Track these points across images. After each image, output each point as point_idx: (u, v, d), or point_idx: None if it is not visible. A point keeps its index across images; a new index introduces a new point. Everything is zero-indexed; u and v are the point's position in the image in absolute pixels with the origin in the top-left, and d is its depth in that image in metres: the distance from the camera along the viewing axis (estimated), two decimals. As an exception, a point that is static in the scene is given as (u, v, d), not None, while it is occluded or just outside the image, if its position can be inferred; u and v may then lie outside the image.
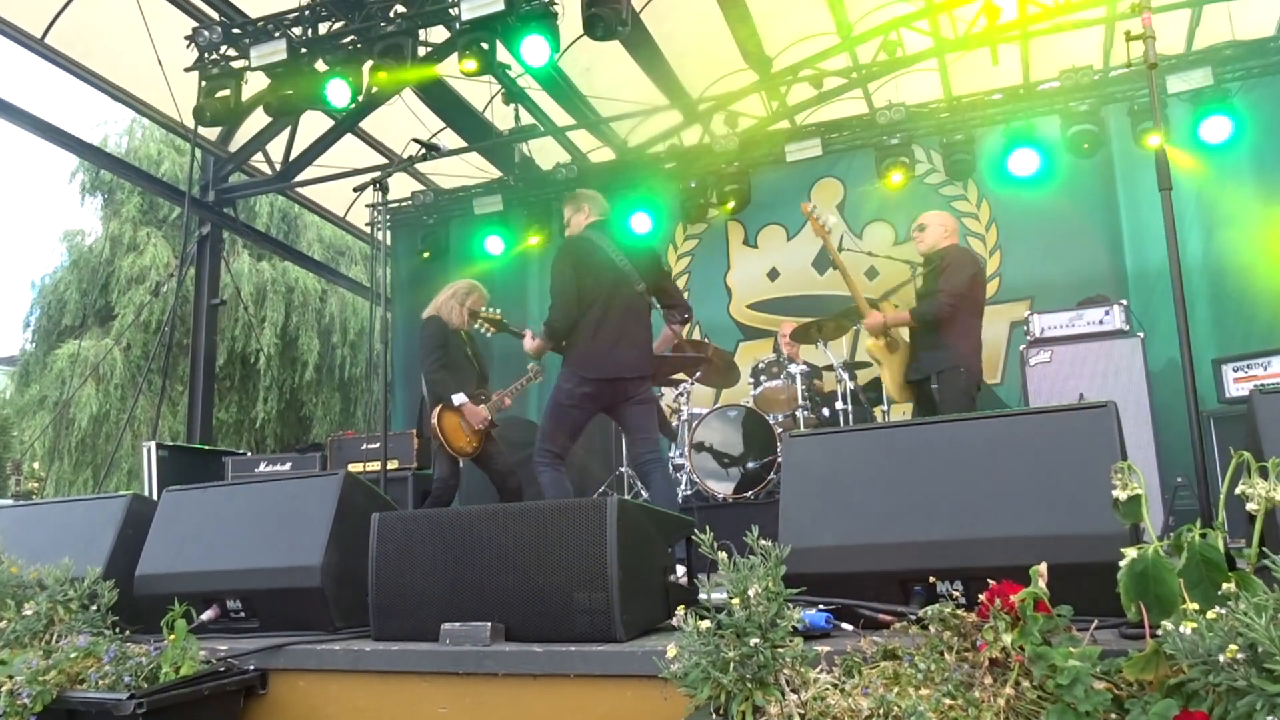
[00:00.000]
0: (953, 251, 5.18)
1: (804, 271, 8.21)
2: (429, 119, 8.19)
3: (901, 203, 7.77)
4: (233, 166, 8.54)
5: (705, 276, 8.54)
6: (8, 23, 6.84)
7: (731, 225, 8.49)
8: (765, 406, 6.11)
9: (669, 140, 8.81)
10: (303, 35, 6.46)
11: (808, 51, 8.12)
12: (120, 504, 2.79)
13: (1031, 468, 1.97)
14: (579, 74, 7.96)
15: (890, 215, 7.91)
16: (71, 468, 15.06)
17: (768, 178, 8.25)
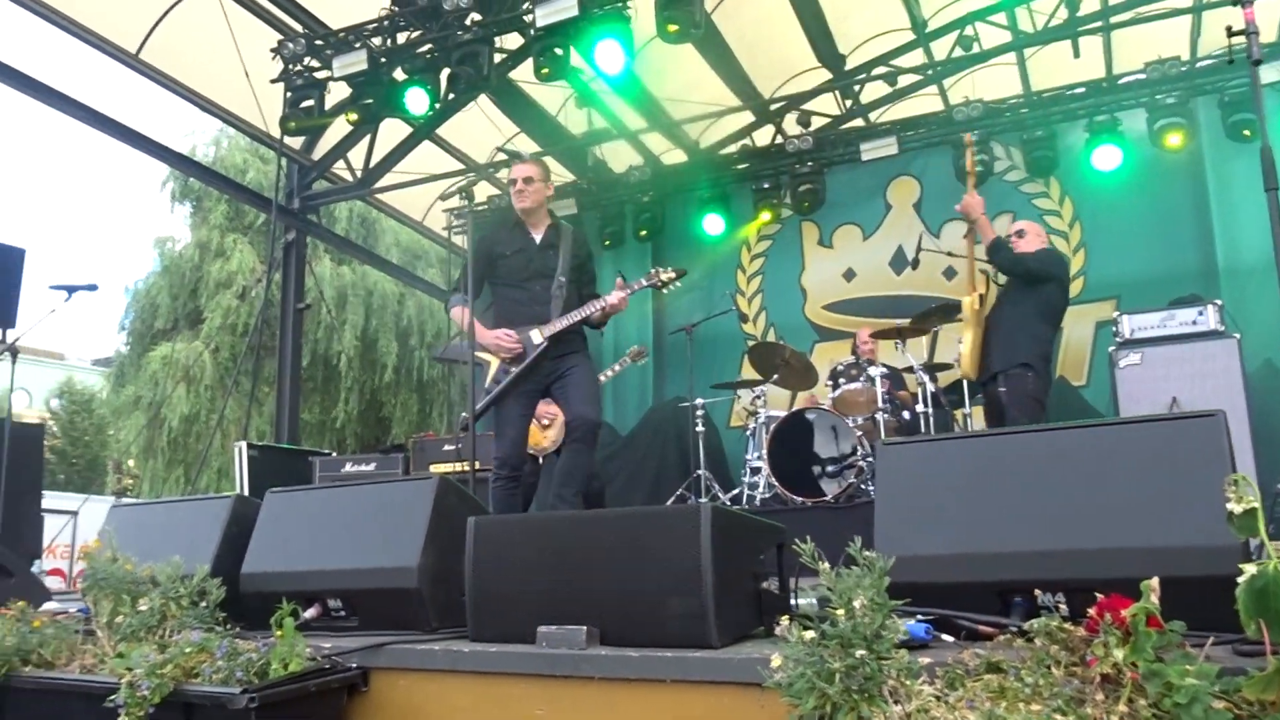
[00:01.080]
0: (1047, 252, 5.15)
1: (881, 271, 8.10)
2: (504, 124, 8.30)
3: (981, 200, 7.62)
4: (316, 174, 8.76)
5: (780, 278, 8.49)
6: (105, 39, 7.12)
7: (806, 225, 8.43)
8: (844, 409, 6.05)
9: (741, 141, 8.78)
10: (382, 45, 6.59)
11: (882, 48, 8.03)
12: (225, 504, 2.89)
13: (1137, 477, 1.91)
14: (651, 76, 7.98)
15: (969, 213, 7.76)
16: (164, 466, 15.63)
17: (842, 177, 8.16)
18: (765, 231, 8.58)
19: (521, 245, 4.20)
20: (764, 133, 8.68)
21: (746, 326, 8.37)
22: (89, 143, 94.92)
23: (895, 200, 8.19)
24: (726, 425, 8.06)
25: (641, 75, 7.79)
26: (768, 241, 8.60)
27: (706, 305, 8.33)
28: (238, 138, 15.74)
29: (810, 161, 7.99)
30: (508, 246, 4.22)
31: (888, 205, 8.18)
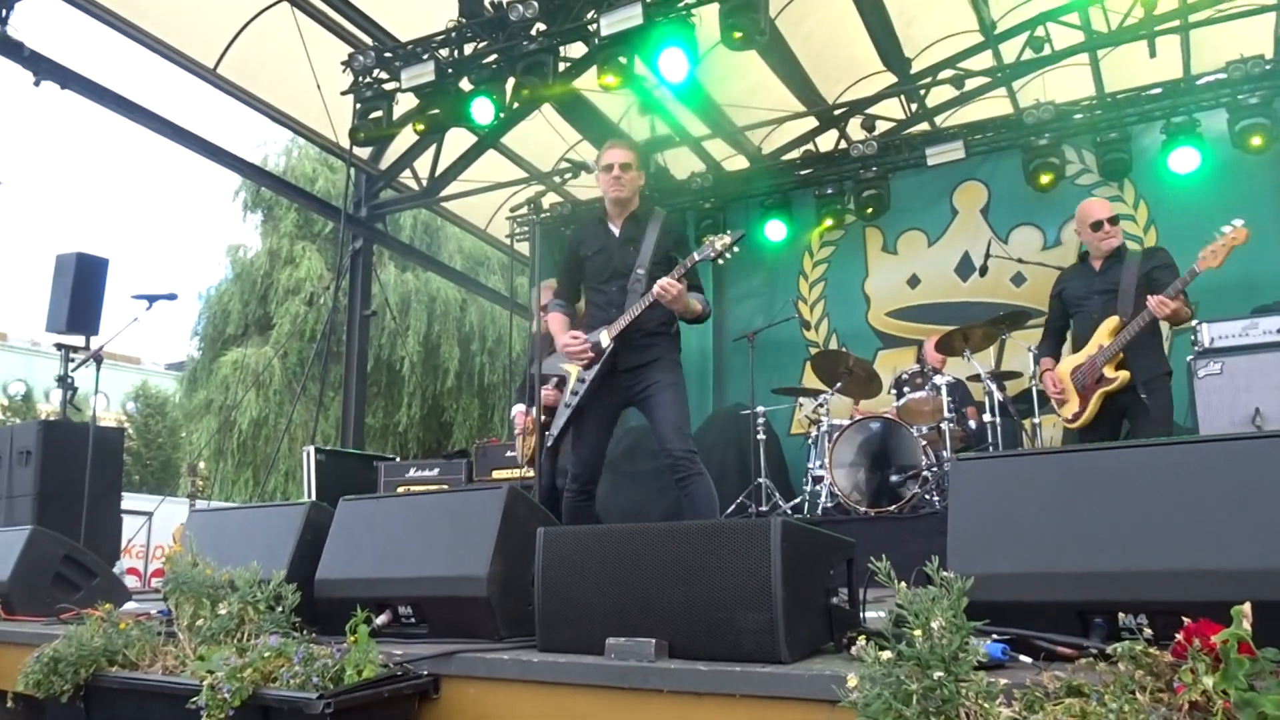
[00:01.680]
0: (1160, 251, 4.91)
1: (946, 278, 7.98)
2: (567, 132, 8.38)
3: (1051, 205, 7.46)
4: (383, 183, 8.94)
5: (843, 284, 8.42)
6: (185, 55, 7.36)
7: (870, 231, 8.35)
8: (909, 418, 5.97)
9: (804, 146, 8.74)
10: (449, 56, 6.70)
11: (948, 51, 7.93)
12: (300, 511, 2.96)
13: (1225, 497, 1.85)
14: (713, 82, 7.98)
15: (1039, 218, 7.61)
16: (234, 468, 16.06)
17: (907, 182, 8.07)
18: (828, 238, 8.52)
19: (603, 243, 3.98)
20: (828, 138, 8.62)
21: (809, 333, 8.32)
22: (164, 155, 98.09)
23: (962, 205, 8.06)
24: (788, 433, 8.01)
25: (704, 81, 7.80)
26: (830, 248, 8.54)
27: (768, 312, 8.31)
28: (307, 148, 16.13)
29: (875, 166, 7.92)
30: (590, 246, 4.01)
31: (954, 210, 8.06)
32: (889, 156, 7.96)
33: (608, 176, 3.98)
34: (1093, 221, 4.74)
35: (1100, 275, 4.73)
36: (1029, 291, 7.42)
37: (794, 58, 7.82)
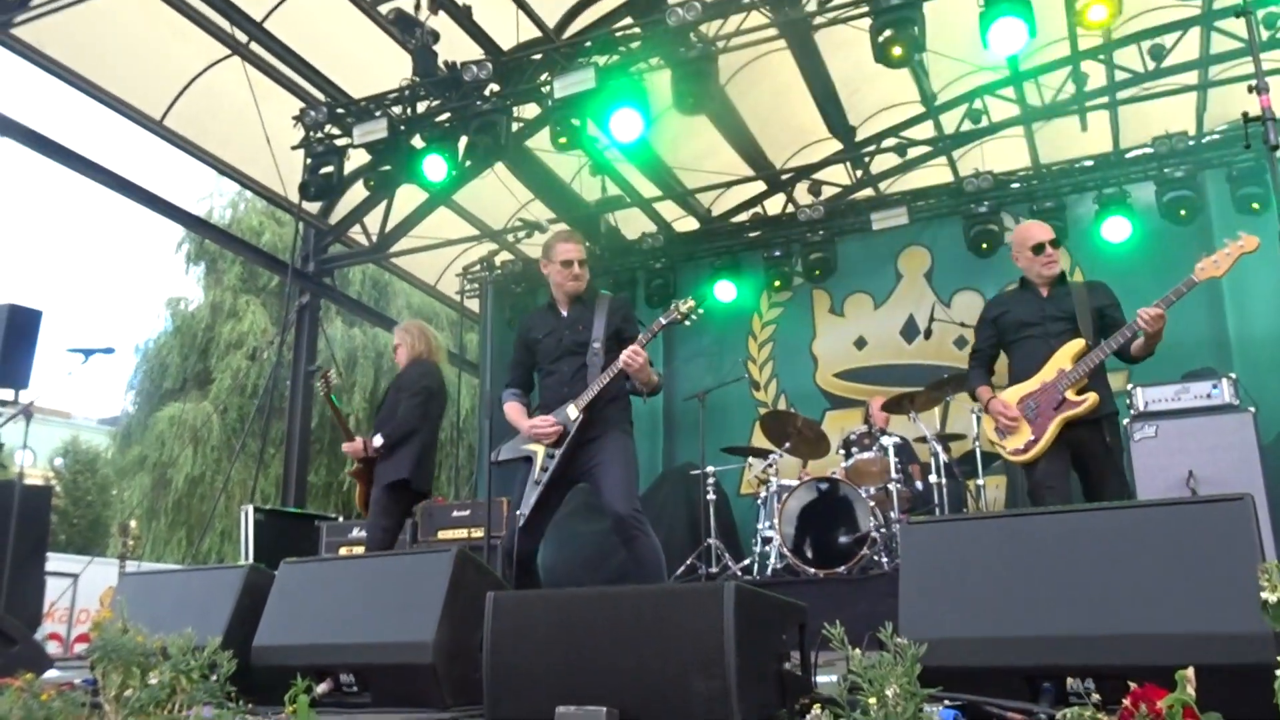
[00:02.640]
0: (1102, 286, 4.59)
1: (892, 340, 8.13)
2: (519, 190, 8.44)
3: (991, 270, 7.67)
4: (332, 238, 8.89)
5: (791, 344, 8.52)
6: (131, 106, 7.30)
7: (817, 293, 8.49)
8: (857, 479, 6.02)
9: (753, 209, 8.90)
10: (402, 114, 6.74)
11: (892, 120, 8.18)
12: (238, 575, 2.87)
13: (1166, 561, 1.90)
14: (664, 145, 8.13)
15: (980, 282, 7.80)
16: (167, 528, 15.56)
17: (854, 245, 8.24)
18: (776, 299, 8.64)
19: (552, 326, 4.11)
20: (775, 201, 8.80)
21: (758, 394, 8.39)
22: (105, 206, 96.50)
23: (906, 269, 8.25)
24: (737, 493, 8.01)
25: (655, 144, 7.94)
26: (779, 309, 8.65)
27: (718, 372, 8.36)
28: (255, 200, 16.00)
29: (821, 230, 8.08)
30: (540, 330, 4.13)
31: (899, 274, 8.25)
32: (835, 220, 8.14)
33: (567, 272, 4.10)
34: (1034, 244, 4.40)
35: (1050, 300, 4.37)
36: (972, 354, 7.59)
37: (743, 123, 8.01)
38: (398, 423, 5.11)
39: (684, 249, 8.88)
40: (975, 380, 4.45)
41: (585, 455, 3.93)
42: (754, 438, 7.96)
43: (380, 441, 5.13)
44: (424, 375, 5.30)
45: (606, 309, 4.10)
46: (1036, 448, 4.13)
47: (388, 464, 5.09)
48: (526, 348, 4.18)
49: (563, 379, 4.01)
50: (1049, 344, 4.24)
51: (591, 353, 3.99)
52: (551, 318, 4.15)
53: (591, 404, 3.90)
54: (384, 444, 5.11)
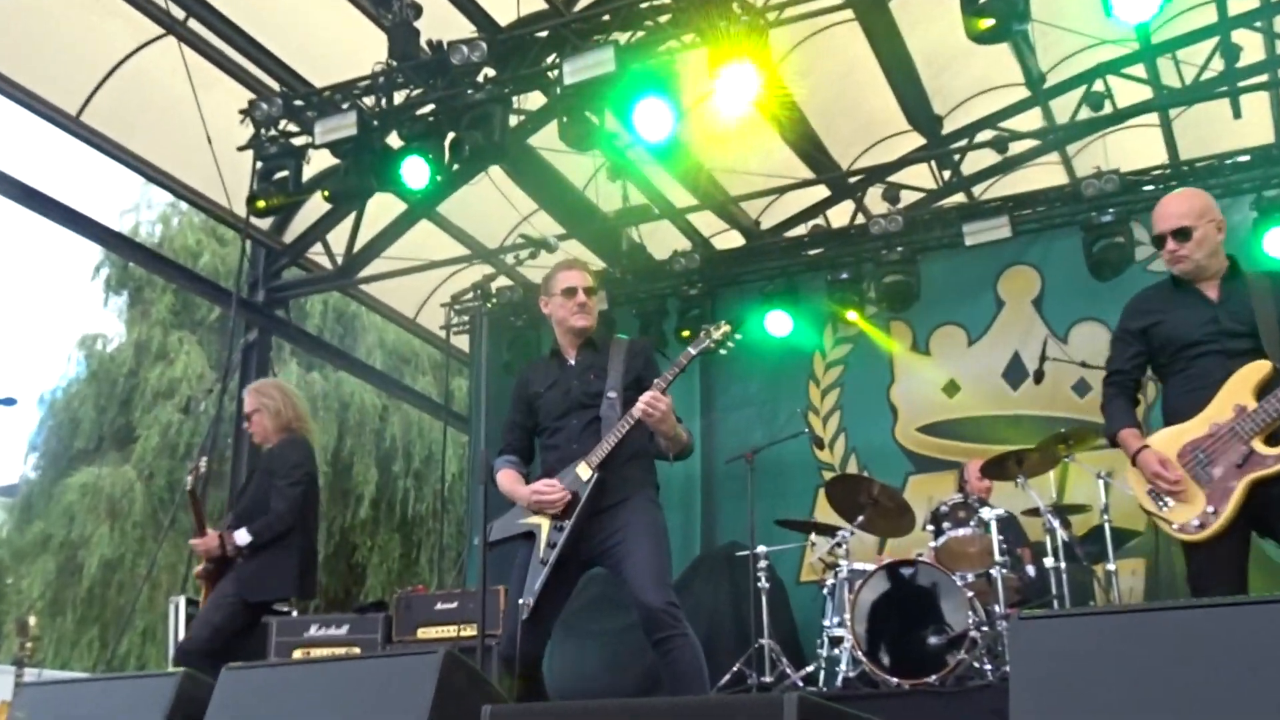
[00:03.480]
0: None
1: (992, 385, 8.08)
2: (520, 200, 8.51)
3: (1118, 295, 7.60)
4: (287, 260, 9.00)
5: (862, 392, 8.48)
6: (39, 99, 7.43)
7: (896, 326, 8.46)
8: (950, 562, 5.95)
9: (813, 220, 8.93)
10: (375, 106, 6.83)
11: (988, 107, 8.21)
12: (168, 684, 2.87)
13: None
14: (701, 141, 8.17)
15: (1104, 311, 7.74)
16: (75, 625, 15.59)
17: (941, 266, 8.23)
18: (844, 333, 8.62)
19: (556, 376, 4.17)
20: (842, 210, 8.83)
21: (822, 454, 8.34)
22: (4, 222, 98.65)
23: (1009, 295, 8.22)
24: (796, 581, 7.93)
25: (689, 141, 8.00)
26: (847, 346, 8.63)
27: (770, 426, 8.33)
28: (191, 214, 16.24)
29: (900, 246, 8.07)
30: (541, 382, 4.19)
31: (999, 302, 8.21)
32: (917, 234, 8.14)
33: (571, 303, 4.14)
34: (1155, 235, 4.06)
35: (1223, 305, 3.89)
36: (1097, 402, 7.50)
37: (800, 113, 8.04)
38: (271, 519, 5.07)
39: (726, 271, 8.90)
40: (1117, 419, 3.99)
41: (602, 528, 3.92)
42: (817, 509, 7.89)
43: (245, 539, 5.07)
44: (301, 456, 5.29)
45: (625, 354, 4.16)
46: (1217, 524, 3.65)
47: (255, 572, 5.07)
48: (526, 406, 4.22)
49: (570, 435, 4.04)
50: (1225, 366, 3.76)
51: (606, 404, 4.03)
52: (555, 367, 4.21)
53: (608, 461, 3.90)
54: (250, 544, 5.05)
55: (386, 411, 16.58)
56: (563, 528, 3.90)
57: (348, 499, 16.20)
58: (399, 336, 16.11)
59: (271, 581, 5.09)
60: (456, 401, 13.45)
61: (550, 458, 4.11)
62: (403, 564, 16.51)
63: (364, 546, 16.45)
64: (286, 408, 5.40)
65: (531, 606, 3.83)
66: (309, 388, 16.01)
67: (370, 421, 16.41)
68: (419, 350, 16.60)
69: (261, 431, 5.43)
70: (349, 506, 16.18)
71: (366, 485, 16.11)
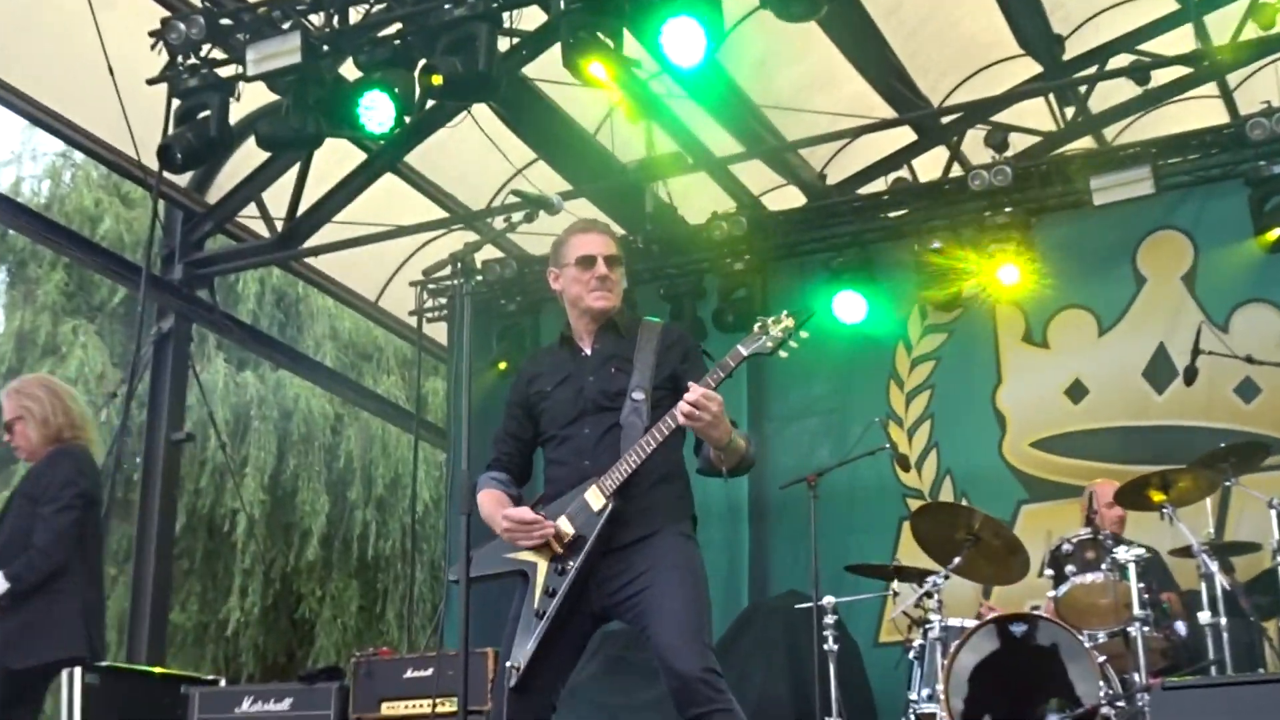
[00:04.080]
0: None
1: (1129, 386, 8.04)
2: (512, 146, 8.51)
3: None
4: (212, 226, 9.04)
5: (960, 396, 8.47)
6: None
7: (1004, 311, 8.44)
8: (1075, 617, 5.94)
9: (894, 173, 8.90)
10: (325, 26, 6.84)
11: (1123, 25, 8.16)
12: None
13: None
14: (747, 72, 8.17)
15: (1277, 292, 7.70)
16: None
17: (1063, 232, 8.21)
18: (936, 320, 8.59)
19: (567, 371, 4.12)
20: (932, 160, 8.81)
21: (907, 476, 8.31)
22: None
23: (1152, 270, 8.18)
24: (874, 641, 7.94)
25: (732, 70, 7.98)
26: (940, 336, 8.60)
27: (839, 440, 8.34)
28: (89, 167, 16.26)
29: (1009, 207, 8.04)
30: (549, 379, 4.15)
31: (1139, 278, 8.17)
32: (1032, 191, 8.11)
33: (588, 276, 4.09)
34: None
35: None
36: (1267, 409, 7.46)
37: (878, 34, 8.02)
38: (34, 558, 4.89)
39: (782, 239, 8.89)
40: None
41: (620, 572, 3.88)
42: (901, 549, 7.90)
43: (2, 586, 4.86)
44: (72, 471, 5.12)
45: (656, 342, 4.10)
46: None
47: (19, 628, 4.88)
48: (526, 409, 4.19)
49: (581, 448, 3.99)
50: None
51: (630, 407, 3.97)
52: (566, 358, 4.17)
53: (628, 485, 3.85)
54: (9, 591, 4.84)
55: (341, 422, 16.56)
56: (565, 570, 3.85)
57: (290, 535, 16.21)
58: (357, 325, 16.11)
59: (42, 640, 4.90)
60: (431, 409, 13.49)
61: (557, 474, 4.08)
62: (362, 619, 16.52)
63: (312, 597, 16.46)
64: (56, 413, 5.24)
65: (521, 672, 3.81)
66: (241, 391, 16.05)
67: (320, 435, 16.40)
68: (383, 343, 16.58)
69: (26, 445, 5.28)
70: (292, 545, 16.19)
71: (315, 517, 16.10)
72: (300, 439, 16.20)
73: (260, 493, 15.75)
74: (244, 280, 15.61)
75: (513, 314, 9.27)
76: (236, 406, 15.90)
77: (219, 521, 15.88)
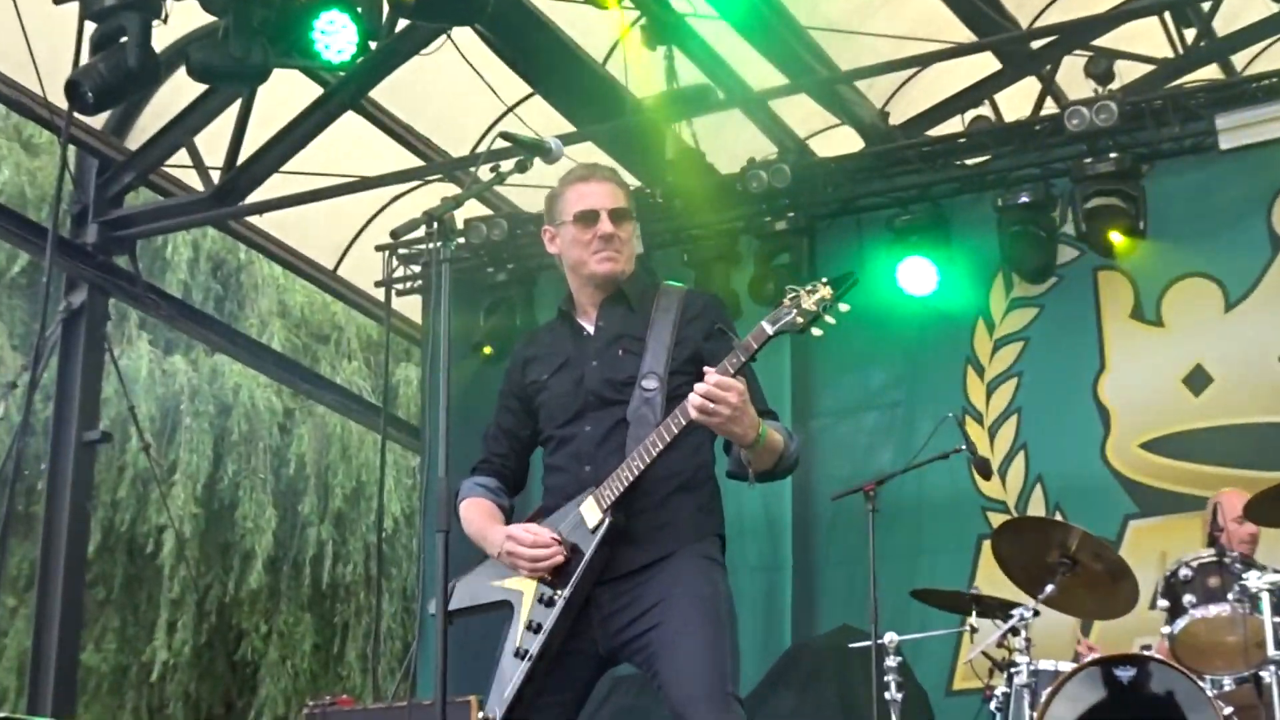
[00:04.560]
0: None
1: (1263, 372, 8.02)
2: (502, 78, 8.51)
3: None
4: (133, 177, 9.05)
5: (1053, 385, 8.48)
6: None
7: (1108, 280, 8.42)
8: (1197, 659, 5.94)
9: (974, 111, 8.87)
10: (272, -71, 6.85)
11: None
12: None
13: None
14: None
15: None
16: None
17: (1181, 184, 8.19)
18: (1024, 293, 8.57)
19: (567, 354, 4.12)
20: (1019, 94, 8.79)
21: (988, 485, 8.29)
22: None
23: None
24: (947, 689, 7.96)
25: (774, -16, 7.98)
26: (1030, 311, 8.59)
27: (904, 440, 8.35)
28: (-19, 106, 16.32)
29: (1115, 152, 8.03)
30: (545, 365, 4.14)
31: (1276, 240, 8.14)
32: (1143, 132, 8.10)
33: (589, 235, 4.06)
34: None
35: None
36: None
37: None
38: None
39: (834, 192, 8.88)
40: None
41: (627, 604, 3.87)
42: (980, 574, 7.89)
43: None
44: None
45: (676, 314, 4.06)
46: None
47: None
48: (521, 401, 4.19)
49: (581, 449, 3.98)
50: None
51: (640, 399, 3.94)
52: (565, 338, 4.17)
53: (634, 496, 3.84)
54: None
55: (291, 418, 16.59)
56: (552, 601, 3.83)
57: (228, 557, 16.23)
58: (311, 300, 16.11)
59: None
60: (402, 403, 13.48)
61: (553, 485, 4.06)
62: (317, 660, 16.56)
63: (255, 633, 16.50)
64: None
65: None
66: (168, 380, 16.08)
67: (265, 434, 16.42)
68: (343, 321, 16.58)
69: None
70: (231, 570, 16.21)
71: (259, 535, 16.11)
72: (241, 439, 16.22)
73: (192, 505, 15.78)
74: (173, 244, 15.55)
75: (503, 285, 9.27)
76: (163, 399, 15.92)
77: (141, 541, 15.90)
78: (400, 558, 14.64)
